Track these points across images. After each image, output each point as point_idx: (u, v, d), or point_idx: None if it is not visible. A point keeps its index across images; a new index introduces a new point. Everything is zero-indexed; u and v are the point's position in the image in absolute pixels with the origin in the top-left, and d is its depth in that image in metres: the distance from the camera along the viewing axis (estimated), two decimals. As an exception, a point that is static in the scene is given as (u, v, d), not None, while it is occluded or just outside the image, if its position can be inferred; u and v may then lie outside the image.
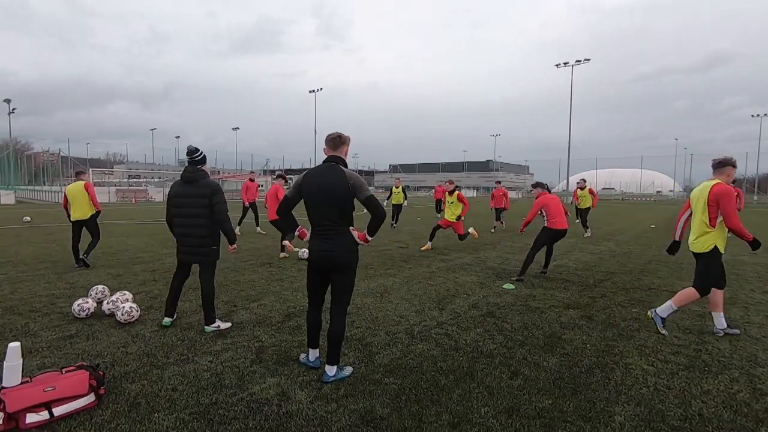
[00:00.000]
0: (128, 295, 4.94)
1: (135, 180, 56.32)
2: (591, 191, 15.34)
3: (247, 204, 12.66)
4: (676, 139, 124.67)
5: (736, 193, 5.14)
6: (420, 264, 8.04)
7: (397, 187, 15.56)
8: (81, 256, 7.30)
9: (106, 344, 3.88)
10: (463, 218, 9.62)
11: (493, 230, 14.61)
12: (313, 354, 3.39)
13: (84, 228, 7.47)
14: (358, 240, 3.13)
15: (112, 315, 4.58)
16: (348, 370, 3.30)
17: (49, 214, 19.88)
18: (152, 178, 58.15)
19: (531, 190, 7.74)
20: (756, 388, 3.18)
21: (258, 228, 12.62)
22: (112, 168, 68.02)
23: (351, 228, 3.13)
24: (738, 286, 6.49)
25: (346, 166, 3.17)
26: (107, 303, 4.67)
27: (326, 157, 3.19)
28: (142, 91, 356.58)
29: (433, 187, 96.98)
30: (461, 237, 9.73)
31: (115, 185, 44.07)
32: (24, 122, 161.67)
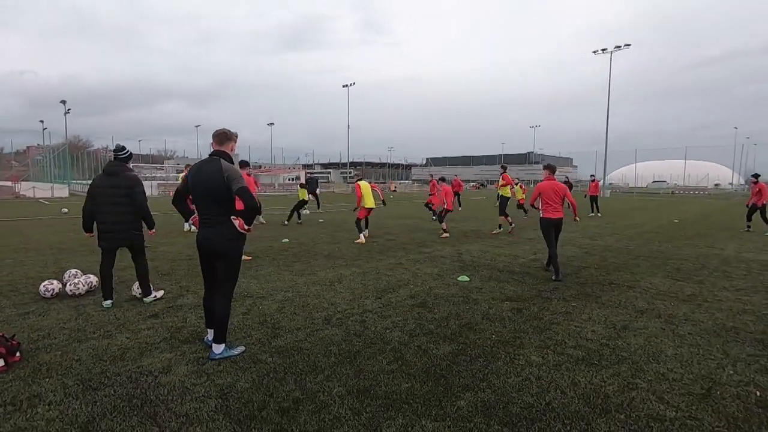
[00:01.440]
0: (92, 277, 5.46)
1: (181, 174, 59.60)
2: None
3: None
4: (736, 128, 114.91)
5: None
6: (393, 255, 8.17)
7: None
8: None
9: (53, 320, 4.36)
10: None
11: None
12: (211, 333, 3.67)
13: None
14: (239, 229, 3.36)
15: (73, 295, 5.12)
16: (238, 350, 3.55)
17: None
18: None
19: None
20: (630, 383, 3.12)
21: (260, 218, 13.12)
22: (162, 163, 72.24)
23: (232, 218, 3.36)
24: (712, 283, 6.15)
25: (229, 161, 3.39)
26: (69, 284, 5.19)
27: (212, 151, 3.44)
28: (193, 90, 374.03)
29: (471, 181, 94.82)
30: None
31: (163, 179, 46.88)
32: (88, 121, 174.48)
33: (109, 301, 4.76)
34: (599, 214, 17.75)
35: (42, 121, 53.63)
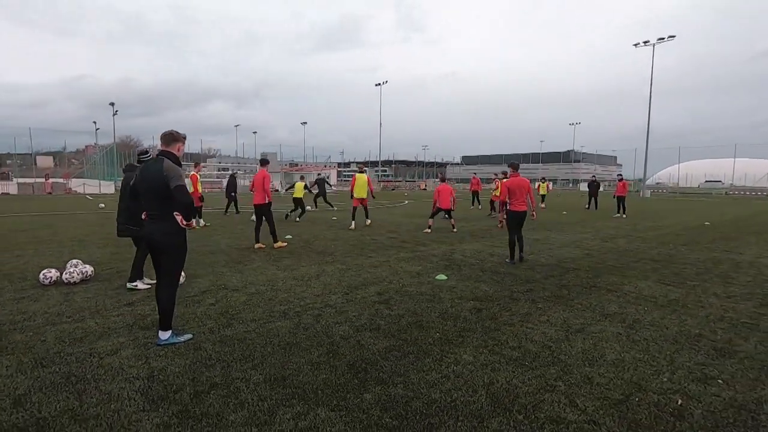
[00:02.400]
0: (88, 267, 5.92)
1: (222, 172, 62.10)
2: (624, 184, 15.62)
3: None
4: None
5: None
6: (384, 253, 8.25)
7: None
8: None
9: (41, 305, 4.79)
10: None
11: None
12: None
13: None
14: (181, 224, 3.59)
15: (68, 283, 5.59)
16: (185, 337, 3.79)
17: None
18: (236, 170, 63.96)
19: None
20: (550, 385, 3.08)
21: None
22: (206, 161, 75.63)
23: (174, 213, 3.59)
24: (704, 289, 5.83)
25: (175, 160, 3.62)
26: (65, 273, 5.66)
27: (158, 151, 3.68)
28: (236, 91, 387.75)
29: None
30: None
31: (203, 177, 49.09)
32: (139, 122, 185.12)
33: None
34: (624, 216, 17.00)
35: (95, 122, 57.42)
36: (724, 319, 4.58)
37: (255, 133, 75.56)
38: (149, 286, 5.42)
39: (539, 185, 22.41)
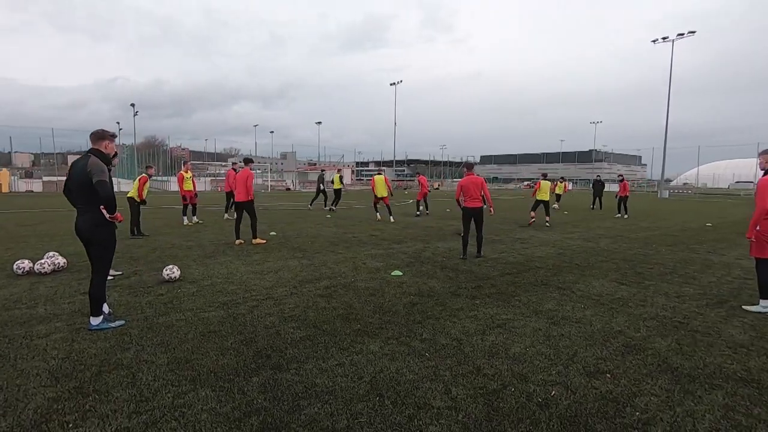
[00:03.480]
0: (61, 259, 6.30)
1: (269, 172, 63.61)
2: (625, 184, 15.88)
3: (228, 191, 13.73)
4: None
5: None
6: (356, 250, 8.41)
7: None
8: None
9: (5, 292, 5.14)
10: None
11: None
12: (106, 306, 4.18)
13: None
14: (107, 217, 3.83)
15: (39, 273, 5.97)
16: (116, 323, 4.04)
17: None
18: (254, 170, 65.41)
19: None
20: (436, 374, 3.18)
21: (226, 214, 13.72)
22: (227, 161, 77.41)
23: (101, 207, 3.83)
24: (657, 288, 5.77)
25: (101, 157, 3.87)
26: (37, 264, 6.04)
27: (89, 148, 3.94)
28: (262, 91, 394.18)
29: (528, 180, 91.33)
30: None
31: (214, 176, 50.24)
32: (170, 122, 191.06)
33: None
34: (626, 216, 16.67)
35: (118, 123, 59.38)
36: (656, 318, 4.56)
37: (272, 132, 77.67)
38: (112, 278, 5.73)
39: (557, 185, 21.43)
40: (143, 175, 10.13)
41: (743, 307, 4.94)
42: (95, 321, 3.94)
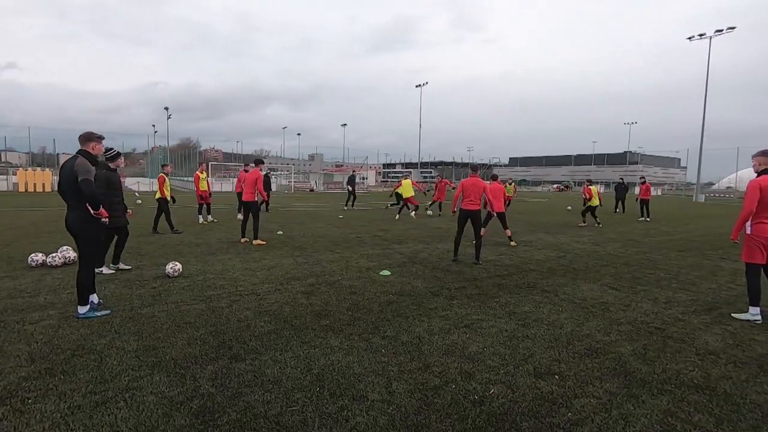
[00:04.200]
0: (72, 254, 6.74)
1: (272, 172, 65.06)
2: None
3: (239, 191, 14.11)
4: None
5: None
6: (354, 249, 8.55)
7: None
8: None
9: (16, 282, 5.57)
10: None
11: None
12: (92, 297, 4.49)
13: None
14: (93, 214, 4.12)
15: (50, 265, 6.42)
16: (102, 313, 4.32)
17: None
18: (281, 171, 66.92)
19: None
20: (385, 370, 3.26)
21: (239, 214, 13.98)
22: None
23: (87, 204, 4.12)
24: (647, 293, 5.62)
25: (89, 157, 4.16)
26: (49, 257, 6.49)
27: (78, 149, 4.24)
28: (292, 94, 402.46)
29: (559, 182, 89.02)
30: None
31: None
32: (204, 125, 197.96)
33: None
34: (648, 219, 16.12)
35: (153, 125, 62.15)
36: (632, 323, 4.47)
37: (299, 135, 79.20)
38: (130, 268, 6.19)
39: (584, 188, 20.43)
40: (160, 174, 10.66)
41: (732, 315, 4.76)
42: (82, 310, 4.24)
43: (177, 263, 6.17)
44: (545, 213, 20.04)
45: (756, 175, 4.65)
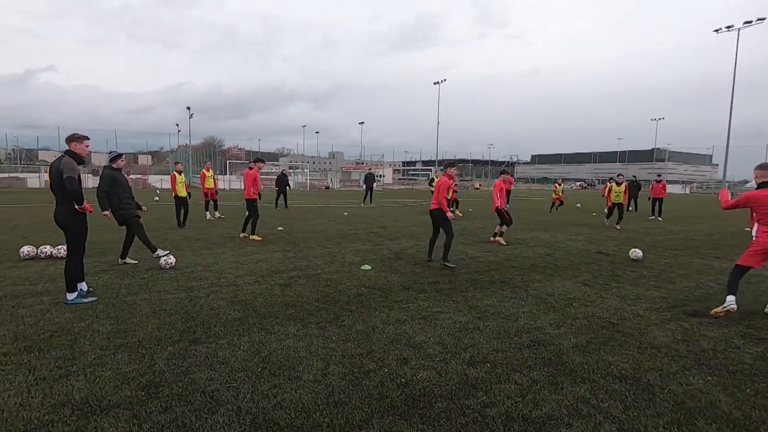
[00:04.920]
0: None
1: (290, 170, 66.15)
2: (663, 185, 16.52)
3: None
4: None
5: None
6: (344, 246, 8.81)
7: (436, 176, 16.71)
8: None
9: (21, 272, 6.06)
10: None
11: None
12: (82, 285, 4.88)
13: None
14: (77, 209, 4.50)
15: (57, 257, 6.91)
16: (89, 300, 4.71)
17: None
18: (300, 169, 67.95)
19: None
20: (328, 355, 3.51)
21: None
22: (278, 160, 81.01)
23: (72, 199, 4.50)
24: (618, 290, 5.67)
25: (74, 156, 4.53)
26: (54, 249, 6.99)
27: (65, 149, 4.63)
28: (314, 93, 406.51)
29: (581, 180, 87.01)
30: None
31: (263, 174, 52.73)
32: (231, 123, 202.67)
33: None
34: (660, 219, 15.81)
35: (177, 125, 64.09)
36: (589, 318, 4.57)
37: (317, 133, 79.65)
38: (137, 262, 6.65)
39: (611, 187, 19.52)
40: (172, 173, 11.23)
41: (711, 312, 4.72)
42: (70, 296, 4.64)
43: (171, 256, 6.57)
44: (545, 211, 19.84)
45: (756, 187, 4.76)
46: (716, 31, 36.45)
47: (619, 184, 13.26)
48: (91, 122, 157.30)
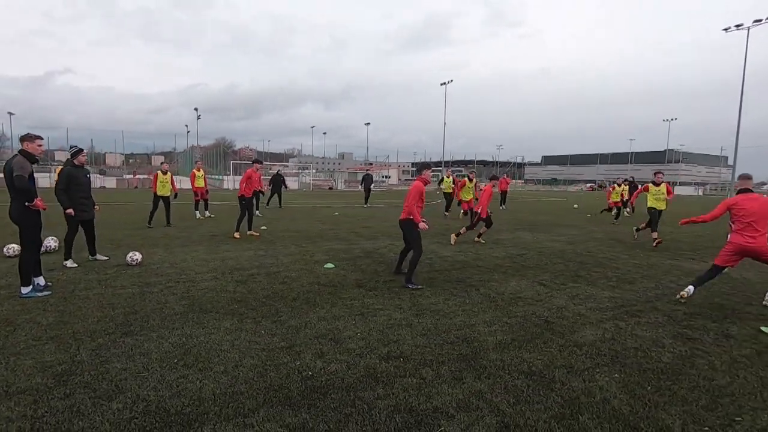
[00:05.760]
0: (53, 243, 7.46)
1: (301, 171, 66.43)
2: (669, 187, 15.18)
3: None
4: None
5: None
6: (319, 243, 8.92)
7: (448, 177, 16.46)
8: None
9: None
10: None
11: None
12: (39, 280, 5.06)
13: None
14: (28, 206, 4.68)
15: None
16: (43, 293, 4.89)
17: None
18: (308, 169, 68.39)
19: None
20: (249, 346, 3.61)
21: (257, 211, 14.51)
22: (288, 161, 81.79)
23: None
24: (574, 290, 5.68)
25: (26, 155, 4.72)
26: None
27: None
28: (325, 93, 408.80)
29: (592, 182, 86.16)
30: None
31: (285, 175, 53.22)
32: (243, 124, 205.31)
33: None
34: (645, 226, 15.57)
35: (186, 125, 65.15)
36: (527, 317, 4.60)
37: (324, 134, 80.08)
38: (107, 258, 6.88)
39: (614, 188, 17.51)
40: (155, 172, 11.45)
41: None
42: (25, 290, 4.82)
43: (137, 253, 6.75)
44: (548, 212, 19.71)
45: (736, 193, 5.33)
46: (725, 29, 35.78)
47: (657, 184, 11.03)
48: (108, 123, 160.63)
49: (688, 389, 3.09)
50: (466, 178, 14.22)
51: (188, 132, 61.40)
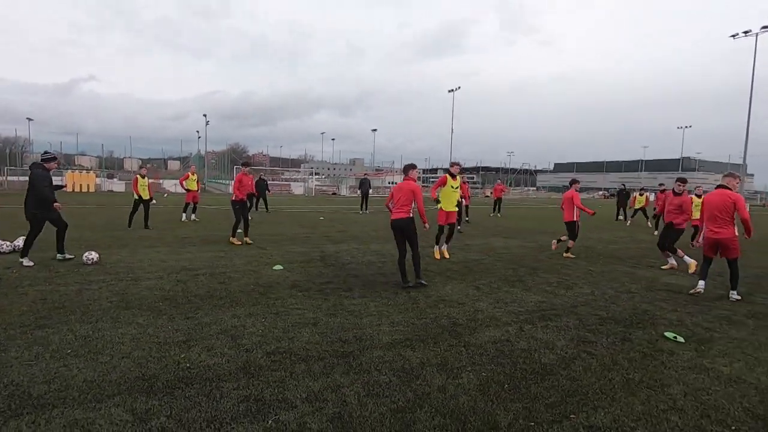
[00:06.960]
0: (20, 241, 7.81)
1: (310, 176, 67.11)
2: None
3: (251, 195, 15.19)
4: None
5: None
6: (282, 246, 9.13)
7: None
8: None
9: (-42, 264, 6.65)
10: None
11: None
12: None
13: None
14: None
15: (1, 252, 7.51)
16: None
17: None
18: (317, 174, 69.08)
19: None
20: (197, 342, 3.80)
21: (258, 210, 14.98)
22: (300, 167, 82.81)
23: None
24: (525, 290, 5.74)
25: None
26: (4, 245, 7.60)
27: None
28: (341, 100, 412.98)
29: (605, 189, 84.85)
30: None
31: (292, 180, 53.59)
32: (259, 130, 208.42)
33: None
34: (656, 232, 15.36)
35: (198, 131, 66.61)
36: (436, 319, 4.69)
37: (333, 140, 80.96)
38: (72, 257, 7.12)
39: (635, 197, 18.14)
40: (135, 176, 11.88)
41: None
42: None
43: (93, 252, 7.04)
44: (539, 219, 19.59)
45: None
46: (733, 36, 35.15)
47: (699, 196, 11.13)
48: (129, 129, 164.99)
49: (544, 388, 3.16)
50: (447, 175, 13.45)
51: (199, 137, 62.54)
